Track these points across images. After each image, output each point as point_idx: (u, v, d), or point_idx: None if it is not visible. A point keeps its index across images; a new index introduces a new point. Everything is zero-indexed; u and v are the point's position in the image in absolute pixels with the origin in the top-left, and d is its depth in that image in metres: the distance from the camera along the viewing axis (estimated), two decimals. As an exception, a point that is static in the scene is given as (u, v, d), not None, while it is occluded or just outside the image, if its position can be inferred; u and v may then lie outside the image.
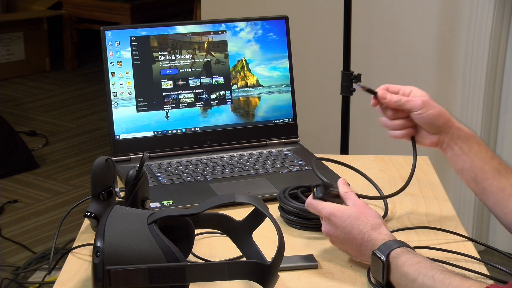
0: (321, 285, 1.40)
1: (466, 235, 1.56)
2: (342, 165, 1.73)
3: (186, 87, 1.91)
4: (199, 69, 1.92)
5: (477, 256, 1.48)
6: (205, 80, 1.92)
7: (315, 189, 1.49)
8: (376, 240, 1.38)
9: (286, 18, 1.97)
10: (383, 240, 1.38)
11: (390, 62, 3.33)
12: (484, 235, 3.09)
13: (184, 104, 1.90)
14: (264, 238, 1.46)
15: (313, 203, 1.49)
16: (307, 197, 1.52)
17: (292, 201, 1.60)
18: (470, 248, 1.52)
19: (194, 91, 1.91)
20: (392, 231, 1.45)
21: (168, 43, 1.89)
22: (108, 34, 1.85)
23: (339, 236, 1.44)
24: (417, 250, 1.40)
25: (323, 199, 1.48)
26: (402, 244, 1.36)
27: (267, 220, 1.36)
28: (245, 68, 1.94)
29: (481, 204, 3.11)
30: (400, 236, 1.53)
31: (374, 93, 1.57)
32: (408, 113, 1.56)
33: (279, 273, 1.32)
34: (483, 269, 1.44)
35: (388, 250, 1.35)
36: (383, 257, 1.34)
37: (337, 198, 1.49)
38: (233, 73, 1.94)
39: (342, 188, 1.50)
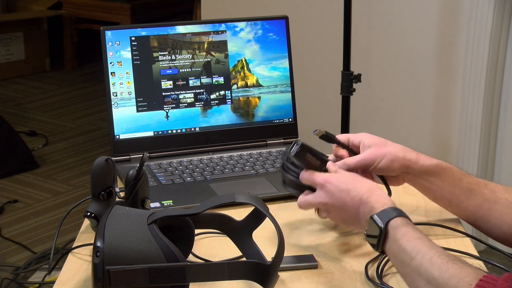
0: (321, 285, 1.40)
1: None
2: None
3: (186, 87, 1.91)
4: (199, 69, 1.92)
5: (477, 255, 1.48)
6: (205, 80, 1.92)
7: (294, 146, 1.46)
8: (375, 203, 1.35)
9: (286, 18, 1.97)
10: (383, 205, 1.34)
11: (390, 62, 3.33)
12: (485, 235, 3.09)
13: (184, 104, 1.90)
14: (264, 238, 1.46)
15: (306, 174, 1.46)
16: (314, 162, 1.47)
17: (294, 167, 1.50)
18: (470, 248, 1.52)
19: (194, 91, 1.91)
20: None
21: (168, 43, 1.89)
22: (108, 34, 1.85)
23: (335, 203, 1.41)
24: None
25: (302, 161, 1.45)
26: (402, 214, 1.33)
27: (267, 220, 1.36)
28: (245, 68, 1.94)
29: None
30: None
31: (331, 141, 1.57)
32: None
33: (279, 273, 1.31)
34: (482, 267, 1.44)
35: (387, 218, 1.32)
36: (381, 224, 1.31)
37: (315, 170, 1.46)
38: (233, 73, 1.94)
39: (331, 169, 1.47)
